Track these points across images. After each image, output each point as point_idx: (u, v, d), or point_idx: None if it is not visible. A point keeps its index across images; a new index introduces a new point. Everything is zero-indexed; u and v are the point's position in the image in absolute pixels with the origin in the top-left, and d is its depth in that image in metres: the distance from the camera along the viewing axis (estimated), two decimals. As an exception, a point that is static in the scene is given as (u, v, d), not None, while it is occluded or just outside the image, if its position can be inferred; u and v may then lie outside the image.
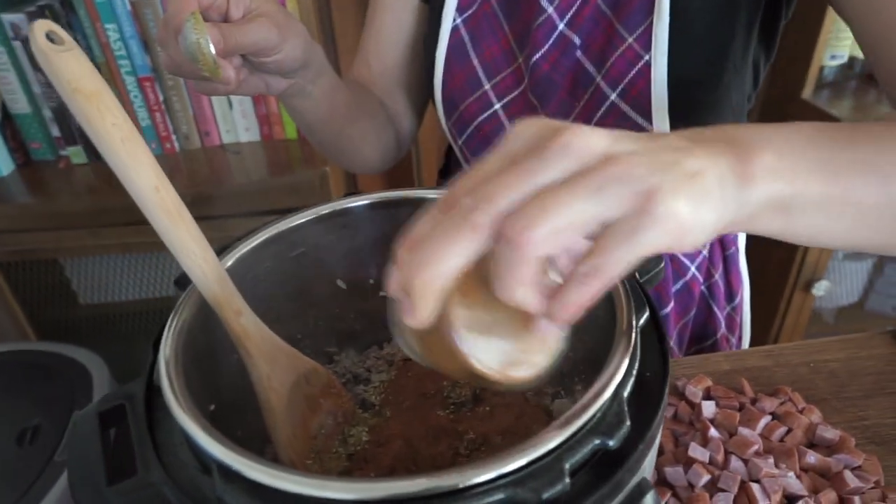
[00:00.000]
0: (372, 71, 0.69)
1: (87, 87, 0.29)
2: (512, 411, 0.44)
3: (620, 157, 0.22)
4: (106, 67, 1.07)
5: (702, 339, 0.74)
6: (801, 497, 0.47)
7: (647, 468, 0.31)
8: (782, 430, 0.53)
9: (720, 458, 0.50)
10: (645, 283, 0.40)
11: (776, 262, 1.35)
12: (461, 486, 0.24)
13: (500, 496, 0.25)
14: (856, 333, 0.66)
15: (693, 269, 0.69)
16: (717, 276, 0.71)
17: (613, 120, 0.56)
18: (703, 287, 0.71)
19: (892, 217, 0.29)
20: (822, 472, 0.49)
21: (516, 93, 0.60)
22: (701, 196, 0.23)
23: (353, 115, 0.63)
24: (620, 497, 0.28)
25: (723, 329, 0.73)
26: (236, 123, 1.17)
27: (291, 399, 0.39)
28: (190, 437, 0.28)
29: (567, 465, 0.26)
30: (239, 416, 0.39)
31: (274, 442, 0.38)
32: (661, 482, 0.51)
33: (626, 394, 0.30)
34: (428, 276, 0.23)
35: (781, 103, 1.31)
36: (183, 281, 0.38)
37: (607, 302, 0.36)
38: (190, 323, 0.35)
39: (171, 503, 0.27)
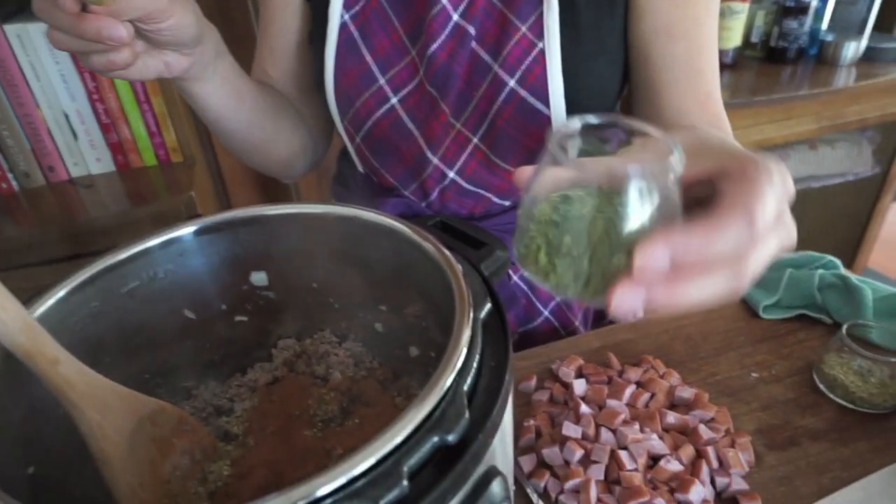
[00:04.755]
0: (271, 79, 0.69)
1: None
2: (381, 420, 0.43)
3: None
4: (-83, 104, 0.95)
5: (603, 314, 0.78)
6: (663, 455, 0.50)
7: (498, 456, 0.32)
8: (646, 396, 0.56)
9: (591, 431, 0.52)
10: (491, 276, 0.40)
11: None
12: (289, 509, 0.23)
13: (335, 512, 0.24)
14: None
15: None
16: None
17: (514, 107, 0.58)
18: None
19: None
20: (682, 429, 0.53)
21: (412, 86, 0.61)
22: None
23: (262, 105, 0.63)
24: (466, 489, 0.28)
25: None
26: (84, 155, 1.08)
27: (133, 445, 0.36)
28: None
29: (405, 468, 0.26)
30: (77, 473, 0.36)
31: (115, 494, 0.35)
32: (541, 464, 0.52)
33: (465, 387, 0.30)
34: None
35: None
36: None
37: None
38: (-7, 379, 0.31)
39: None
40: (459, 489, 0.28)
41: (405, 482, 0.25)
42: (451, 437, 0.28)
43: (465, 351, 0.31)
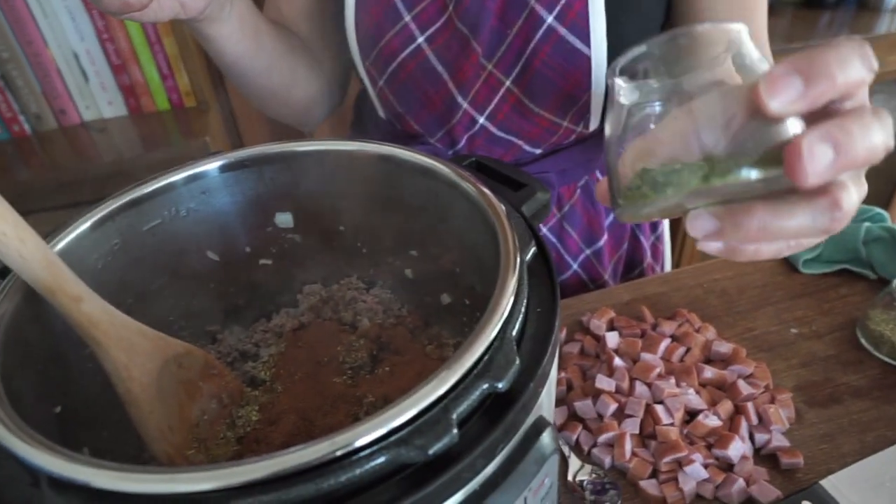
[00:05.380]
0: (284, 17, 0.65)
1: None
2: (412, 368, 0.42)
3: None
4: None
5: (630, 268, 0.76)
6: (700, 410, 0.48)
7: (545, 406, 0.30)
8: (681, 350, 0.54)
9: (625, 385, 0.51)
10: (532, 218, 0.38)
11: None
12: (333, 456, 0.22)
13: (381, 460, 0.23)
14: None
15: None
16: None
17: (551, 46, 0.54)
18: None
19: None
20: (719, 384, 0.51)
21: (440, 23, 0.57)
22: None
23: (279, 48, 0.60)
24: (516, 439, 0.27)
25: (648, 258, 0.75)
26: (96, 97, 1.05)
27: (161, 387, 0.35)
28: (5, 448, 0.23)
29: (454, 416, 0.24)
30: (105, 414, 0.34)
31: (143, 437, 0.34)
32: (573, 417, 0.51)
33: (514, 332, 0.28)
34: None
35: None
36: (5, 271, 0.32)
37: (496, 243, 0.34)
38: (14, 315, 0.30)
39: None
40: (510, 439, 0.26)
41: (455, 430, 0.24)
42: (500, 385, 0.26)
43: (512, 296, 0.29)
